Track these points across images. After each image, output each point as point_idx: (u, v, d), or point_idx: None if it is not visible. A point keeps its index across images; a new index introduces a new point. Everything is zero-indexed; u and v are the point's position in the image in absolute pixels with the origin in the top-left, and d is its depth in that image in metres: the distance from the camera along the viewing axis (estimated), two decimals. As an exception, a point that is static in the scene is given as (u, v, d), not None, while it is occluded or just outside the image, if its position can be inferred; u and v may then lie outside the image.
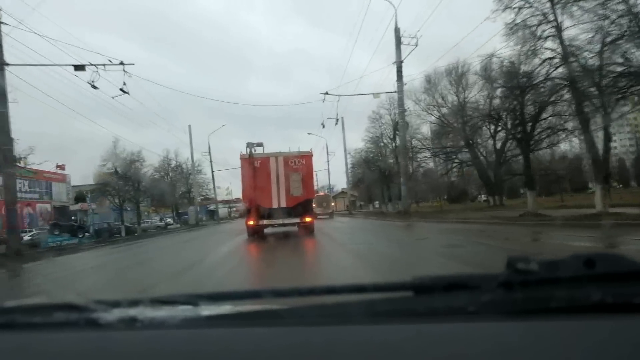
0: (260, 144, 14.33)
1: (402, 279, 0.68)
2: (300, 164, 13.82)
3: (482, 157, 30.73)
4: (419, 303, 0.66)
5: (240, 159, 14.04)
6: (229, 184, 65.38)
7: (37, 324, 0.68)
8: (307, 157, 14.17)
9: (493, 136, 29.63)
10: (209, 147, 43.25)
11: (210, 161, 43.75)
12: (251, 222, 13.35)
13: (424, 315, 0.63)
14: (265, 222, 13.48)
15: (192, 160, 39.41)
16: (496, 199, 30.84)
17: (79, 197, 32.93)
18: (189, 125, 38.79)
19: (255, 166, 13.49)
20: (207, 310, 0.68)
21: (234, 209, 61.40)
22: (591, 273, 0.62)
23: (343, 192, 64.27)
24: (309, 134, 49.30)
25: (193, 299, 0.69)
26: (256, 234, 13.65)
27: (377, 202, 53.25)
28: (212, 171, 44.43)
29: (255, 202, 13.21)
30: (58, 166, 38.22)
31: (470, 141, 29.22)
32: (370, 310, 0.64)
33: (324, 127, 31.02)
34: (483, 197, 50.57)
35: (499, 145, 29.68)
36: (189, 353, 0.59)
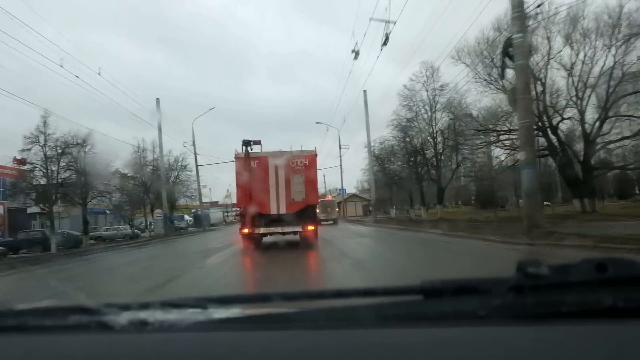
0: (257, 142, 14.29)
1: (411, 283, 0.79)
2: (303, 165, 13.81)
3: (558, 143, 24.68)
4: (429, 307, 0.77)
5: (235, 158, 14.04)
6: (228, 186, 64.25)
7: (48, 326, 0.80)
8: (310, 157, 14.14)
9: (581, 112, 24.03)
10: (193, 136, 40.38)
11: (195, 153, 40.51)
12: (246, 230, 13.42)
13: (433, 319, 0.73)
14: (262, 230, 13.52)
15: (160, 146, 34.29)
16: (585, 202, 24.11)
17: (39, 198, 27.97)
18: (157, 99, 33.83)
19: (251, 167, 13.51)
20: (217, 313, 0.80)
21: (234, 213, 60.39)
22: (603, 277, 0.72)
23: (355, 195, 64.26)
24: (317, 122, 48.42)
25: (203, 303, 0.81)
26: (252, 243, 13.66)
27: (393, 207, 52.20)
28: (197, 166, 41.26)
29: (252, 208, 13.20)
30: (16, 160, 35.78)
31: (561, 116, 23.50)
32: (380, 313, 0.75)
33: (356, 56, 21.68)
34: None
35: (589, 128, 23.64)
36: (199, 356, 0.70)
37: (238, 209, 17.91)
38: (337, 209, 43.52)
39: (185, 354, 0.71)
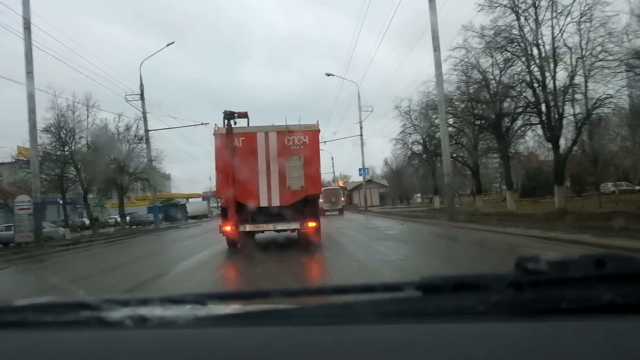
0: (243, 114, 13.07)
1: (411, 279, 0.91)
2: (302, 144, 12.62)
3: None
4: (428, 303, 0.87)
5: (214, 134, 12.77)
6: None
7: (48, 322, 0.91)
8: (311, 133, 12.82)
9: None
10: (141, 82, 33.79)
11: (144, 112, 33.79)
12: (229, 228, 12.32)
13: (432, 315, 0.84)
14: (249, 227, 12.53)
15: (29, 54, 19.32)
16: None
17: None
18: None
19: (235, 146, 12.39)
20: (217, 309, 0.91)
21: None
22: (601, 273, 0.81)
23: (370, 181, 63.90)
24: (327, 74, 44.14)
25: (202, 298, 0.92)
26: (237, 244, 12.69)
27: (417, 195, 50.20)
28: (147, 130, 34.49)
29: (236, 199, 12.26)
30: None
31: None
32: (379, 310, 0.85)
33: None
34: (612, 186, 38.50)
35: None
36: (199, 352, 0.81)
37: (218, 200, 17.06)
38: (342, 198, 43.51)
39: (185, 349, 0.81)
